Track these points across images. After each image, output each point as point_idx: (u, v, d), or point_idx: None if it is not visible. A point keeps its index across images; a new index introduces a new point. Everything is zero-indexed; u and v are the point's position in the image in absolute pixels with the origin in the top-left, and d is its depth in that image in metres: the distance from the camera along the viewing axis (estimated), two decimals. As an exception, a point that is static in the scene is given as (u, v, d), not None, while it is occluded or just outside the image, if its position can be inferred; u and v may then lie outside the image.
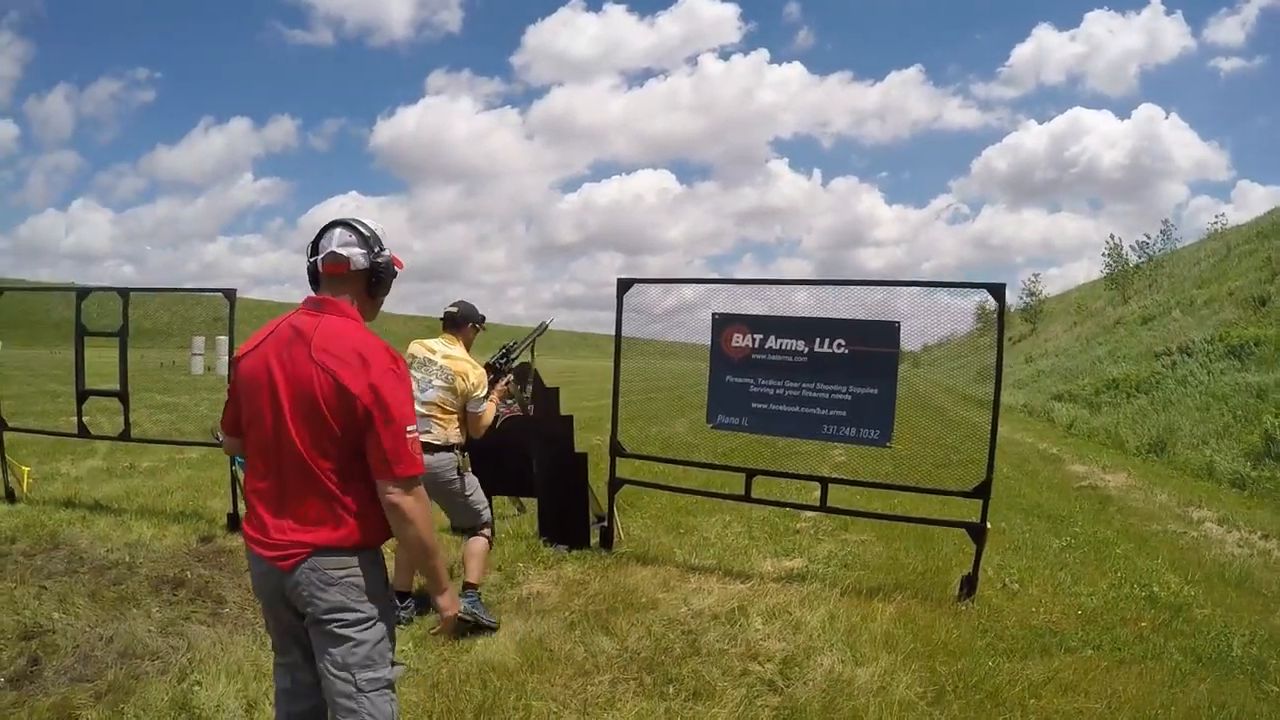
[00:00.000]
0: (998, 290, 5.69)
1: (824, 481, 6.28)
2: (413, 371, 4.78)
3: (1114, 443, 16.80)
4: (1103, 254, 41.83)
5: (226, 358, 34.54)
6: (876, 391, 6.01)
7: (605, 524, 6.73)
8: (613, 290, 6.29)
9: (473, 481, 5.05)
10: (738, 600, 5.52)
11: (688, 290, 6.81)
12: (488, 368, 5.20)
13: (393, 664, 2.54)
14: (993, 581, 6.04)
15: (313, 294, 2.56)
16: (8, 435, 7.99)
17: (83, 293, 7.36)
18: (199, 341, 35.23)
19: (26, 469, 8.15)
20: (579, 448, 6.74)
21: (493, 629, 4.92)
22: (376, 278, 2.57)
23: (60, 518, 7.11)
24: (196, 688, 3.94)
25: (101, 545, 6.37)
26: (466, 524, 5.11)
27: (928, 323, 6.25)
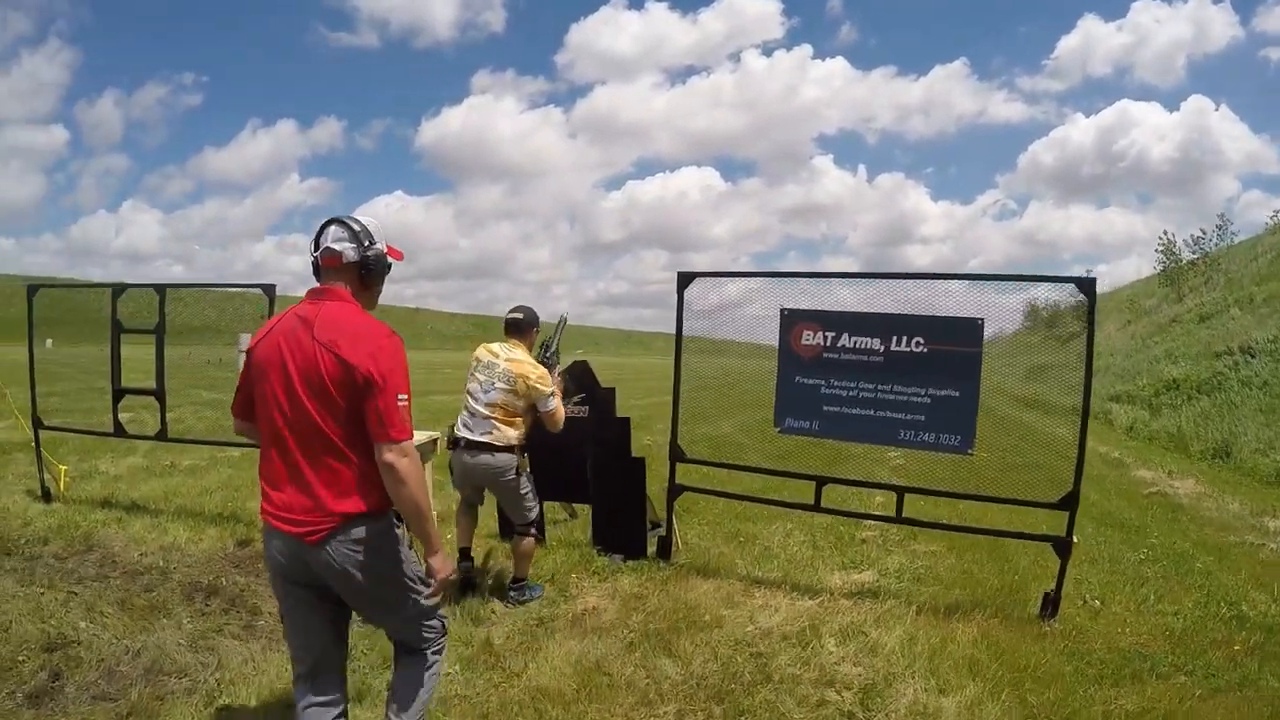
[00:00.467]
0: (1087, 285, 5.28)
1: (900, 491, 5.82)
2: (476, 374, 5.12)
3: (1176, 446, 16.04)
4: (1156, 250, 40.60)
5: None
6: (957, 394, 5.54)
7: (662, 532, 6.33)
8: (658, 288, 6.09)
9: (528, 481, 5.24)
10: (808, 618, 5.12)
11: (733, 286, 6.36)
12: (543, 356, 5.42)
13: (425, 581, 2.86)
14: (1072, 598, 5.63)
15: (315, 286, 2.81)
16: (47, 433, 7.80)
17: (118, 290, 7.10)
18: (245, 338, 35.16)
19: (64, 467, 7.92)
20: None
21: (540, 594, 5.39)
22: (367, 269, 2.83)
23: (95, 518, 6.86)
24: (225, 714, 3.64)
25: (135, 548, 6.10)
26: (518, 520, 5.28)
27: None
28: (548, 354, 5.47)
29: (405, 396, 2.63)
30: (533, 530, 5.27)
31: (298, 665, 2.90)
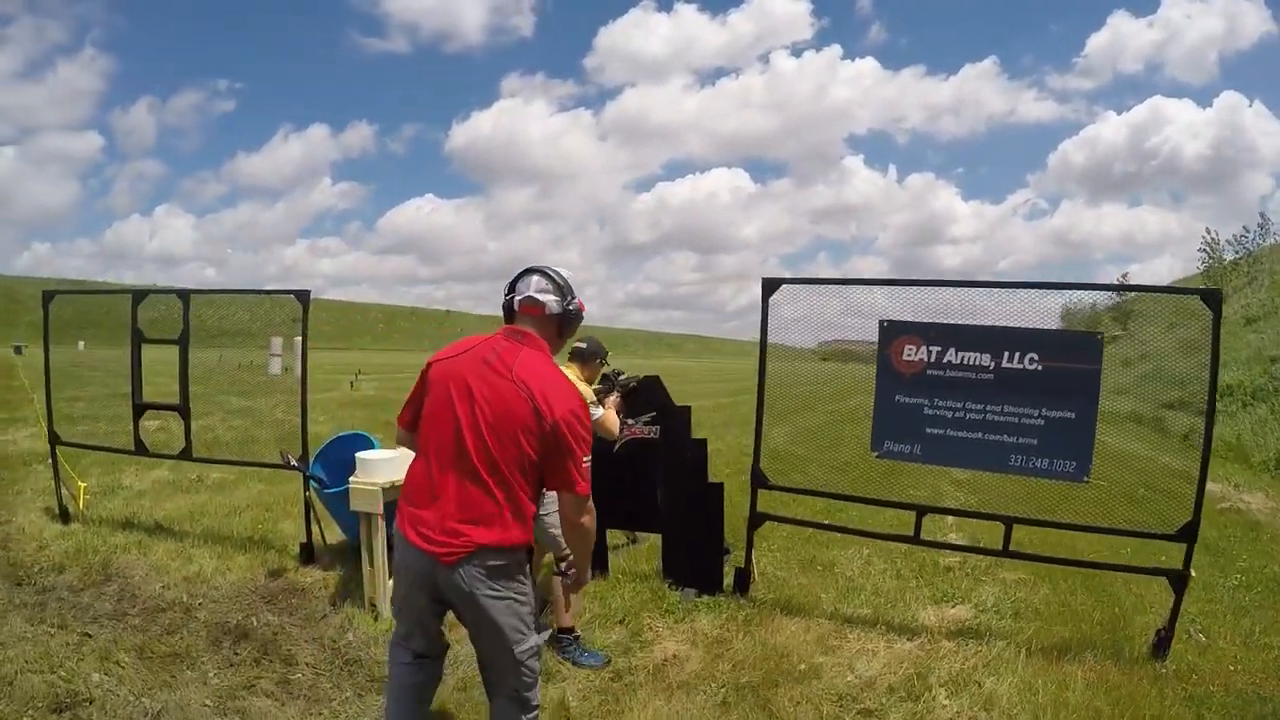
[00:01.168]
0: (1212, 298, 4.80)
1: (1008, 521, 5.19)
2: None
3: (1236, 456, 15.29)
4: (1199, 249, 39.60)
5: (302, 359, 34.61)
6: (1073, 415, 4.98)
7: (740, 563, 5.72)
8: (688, 290, 5.54)
9: None
10: (912, 665, 4.59)
11: (819, 296, 5.69)
12: (604, 379, 5.24)
13: (539, 629, 2.94)
14: (1176, 630, 5.09)
15: (512, 325, 2.95)
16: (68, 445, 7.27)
17: (138, 296, 6.49)
18: (277, 342, 34.71)
19: (83, 485, 7.39)
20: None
21: (605, 664, 4.56)
22: (566, 322, 3.00)
23: (115, 542, 6.31)
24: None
25: (157, 579, 5.55)
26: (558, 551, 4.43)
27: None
28: (612, 382, 5.29)
29: (589, 459, 2.83)
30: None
31: (401, 629, 3.05)
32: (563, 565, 3.14)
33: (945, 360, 5.13)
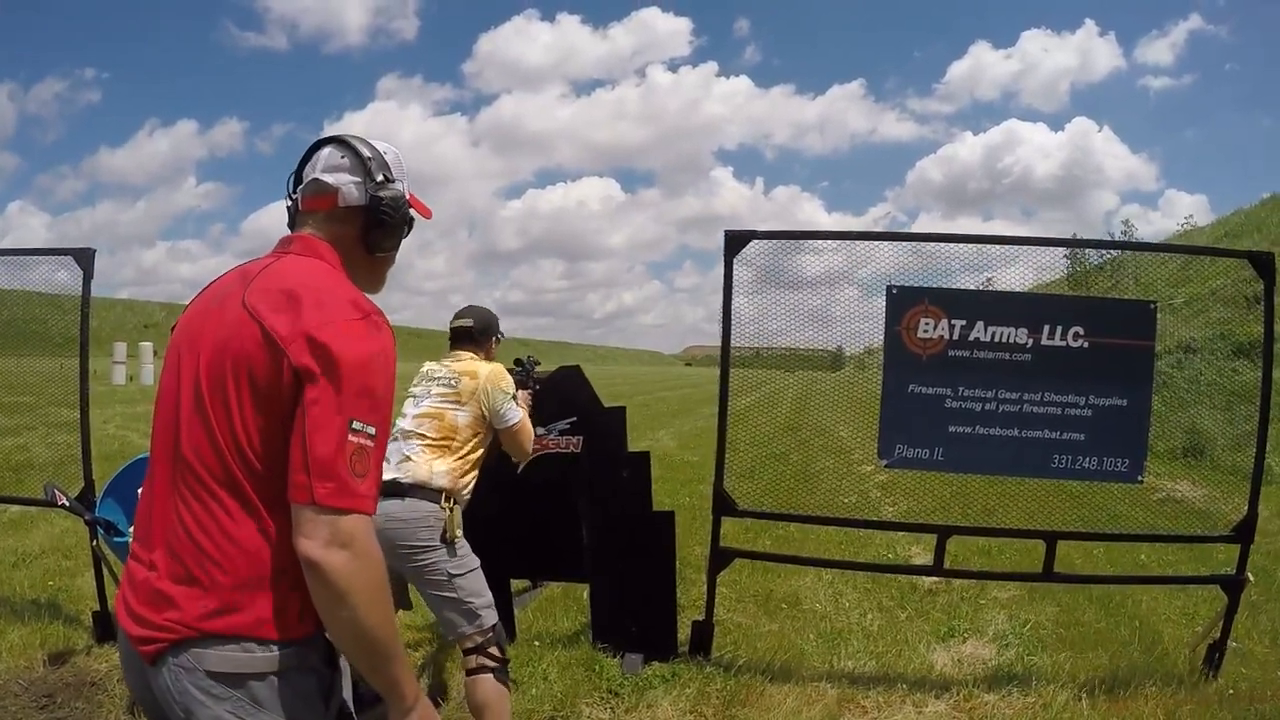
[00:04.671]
0: (1263, 260, 4.15)
1: (1050, 537, 4.16)
2: (411, 390, 3.45)
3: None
4: (1065, 255, 41.05)
5: (151, 365, 31.67)
6: (1124, 403, 4.15)
7: (700, 614, 4.36)
8: (555, 297, 4.18)
9: (465, 556, 3.14)
10: None
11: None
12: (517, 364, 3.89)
13: None
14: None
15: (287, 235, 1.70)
16: None
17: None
18: (120, 348, 31.48)
19: None
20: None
21: None
22: (378, 219, 1.67)
23: None
24: None
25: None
26: (453, 630, 3.12)
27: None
28: (524, 371, 3.88)
29: (369, 427, 1.41)
30: (493, 651, 3.06)
31: None
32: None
33: (972, 337, 4.03)
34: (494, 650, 3.02)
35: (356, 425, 1.40)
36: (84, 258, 4.33)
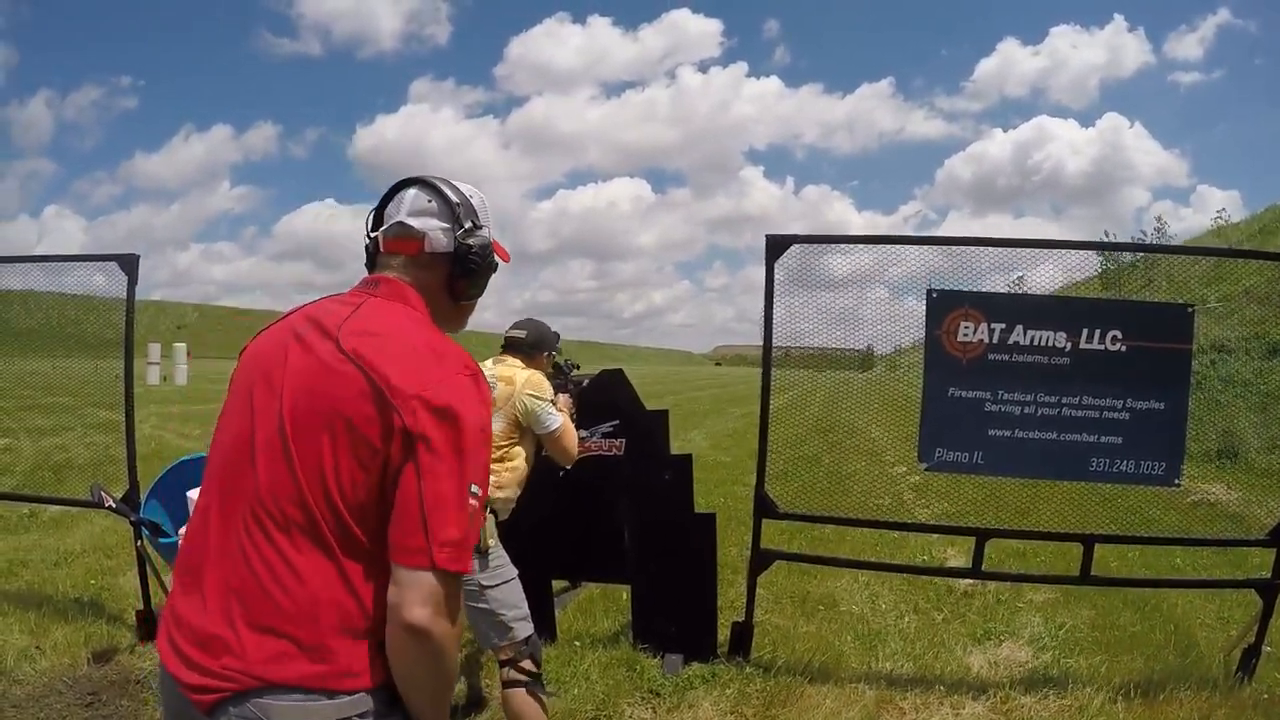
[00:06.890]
0: None
1: (1088, 540, 4.16)
2: None
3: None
4: (1096, 254, 40.65)
5: (184, 365, 32.13)
6: (1162, 407, 4.13)
7: (740, 615, 4.37)
8: (585, 297, 4.10)
9: (500, 567, 3.06)
10: None
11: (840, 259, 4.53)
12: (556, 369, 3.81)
13: None
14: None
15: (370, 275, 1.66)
16: None
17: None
18: (155, 349, 32.00)
19: None
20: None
21: None
22: (466, 268, 1.63)
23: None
24: None
25: (-73, 676, 3.95)
26: (486, 642, 3.12)
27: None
28: (562, 375, 3.86)
29: (479, 489, 1.39)
30: (525, 665, 3.01)
31: None
32: None
33: (1011, 341, 4.03)
34: (526, 664, 2.99)
35: (474, 489, 1.41)
36: (128, 264, 4.39)
